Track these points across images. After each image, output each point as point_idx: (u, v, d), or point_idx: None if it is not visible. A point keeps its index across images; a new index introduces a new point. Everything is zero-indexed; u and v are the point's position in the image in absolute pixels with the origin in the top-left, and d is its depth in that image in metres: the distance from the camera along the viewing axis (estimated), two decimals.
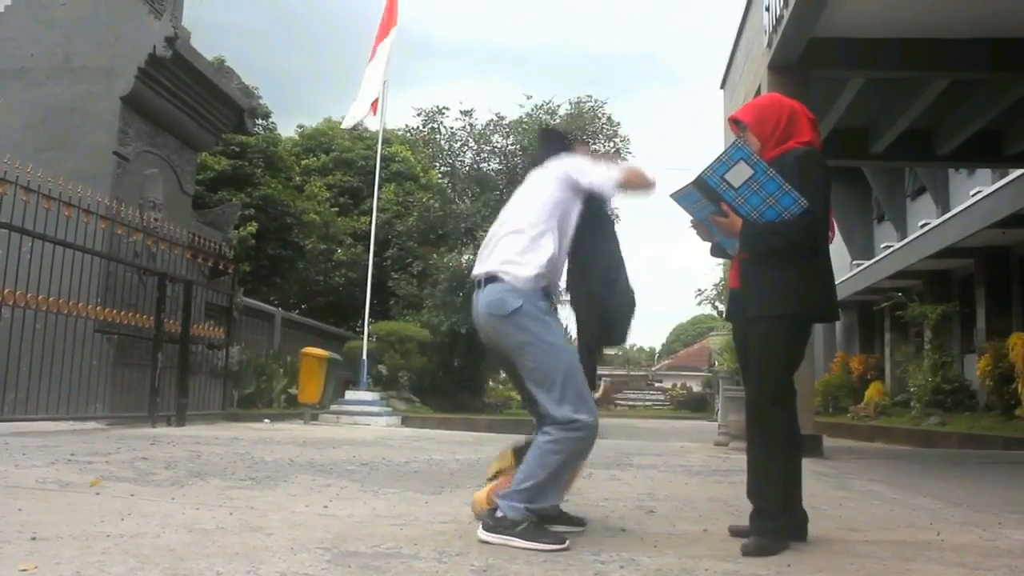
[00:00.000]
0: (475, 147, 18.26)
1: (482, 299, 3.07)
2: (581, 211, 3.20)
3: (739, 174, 2.94)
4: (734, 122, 3.29)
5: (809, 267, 3.07)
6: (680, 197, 3.15)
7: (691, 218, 3.27)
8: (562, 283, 3.30)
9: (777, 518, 2.93)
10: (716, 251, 3.42)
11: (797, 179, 2.96)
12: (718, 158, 2.97)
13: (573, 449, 2.93)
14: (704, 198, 3.06)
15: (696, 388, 35.29)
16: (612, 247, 3.31)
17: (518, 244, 3.06)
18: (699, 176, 3.01)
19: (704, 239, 3.34)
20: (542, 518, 2.92)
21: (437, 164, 19.75)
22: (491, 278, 3.05)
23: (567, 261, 3.23)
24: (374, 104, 14.37)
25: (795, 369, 3.12)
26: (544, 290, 3.05)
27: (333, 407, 12.47)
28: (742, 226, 3.02)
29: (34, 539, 2.52)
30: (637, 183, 3.24)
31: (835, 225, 3.43)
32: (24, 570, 2.14)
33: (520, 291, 2.98)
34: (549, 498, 2.92)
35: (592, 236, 3.26)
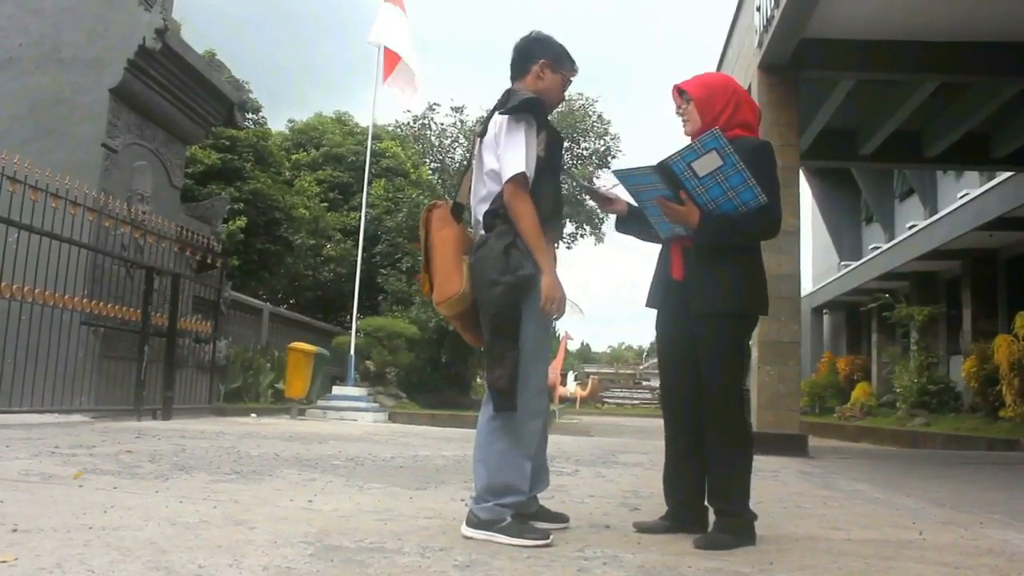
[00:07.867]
0: (466, 144, 18.21)
1: None
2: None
3: (707, 163, 2.80)
4: (678, 91, 3.11)
5: (756, 263, 3.03)
6: (626, 176, 3.00)
7: (593, 189, 3.34)
8: None
9: (740, 515, 2.92)
10: (640, 233, 3.22)
11: (752, 172, 2.84)
12: (689, 145, 2.83)
13: (508, 437, 2.86)
14: (660, 182, 2.90)
15: None
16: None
17: None
18: (664, 162, 2.86)
19: (603, 208, 3.33)
20: (523, 515, 2.91)
21: (427, 160, 19.68)
22: None
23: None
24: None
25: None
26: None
27: (320, 402, 12.44)
28: (701, 218, 2.89)
29: (15, 531, 2.50)
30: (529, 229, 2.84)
31: None
32: (4, 561, 2.12)
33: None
34: (515, 490, 2.84)
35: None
